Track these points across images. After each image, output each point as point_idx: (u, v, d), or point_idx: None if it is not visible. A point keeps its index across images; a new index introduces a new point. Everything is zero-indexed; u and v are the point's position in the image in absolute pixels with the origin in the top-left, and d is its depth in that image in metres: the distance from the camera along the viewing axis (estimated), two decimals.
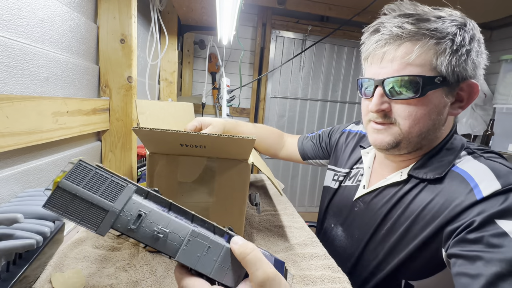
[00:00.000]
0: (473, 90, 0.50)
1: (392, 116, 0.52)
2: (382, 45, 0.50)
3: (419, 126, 0.51)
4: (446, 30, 0.46)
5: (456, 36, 0.46)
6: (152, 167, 0.52)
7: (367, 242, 0.61)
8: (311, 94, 2.52)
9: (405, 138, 0.52)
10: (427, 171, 0.54)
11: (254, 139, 0.47)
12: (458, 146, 0.54)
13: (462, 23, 0.47)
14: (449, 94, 0.50)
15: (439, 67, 0.47)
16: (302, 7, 2.12)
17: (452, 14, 0.49)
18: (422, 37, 0.47)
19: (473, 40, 0.47)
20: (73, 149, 0.70)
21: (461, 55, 0.46)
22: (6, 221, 0.37)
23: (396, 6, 0.51)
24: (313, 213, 2.70)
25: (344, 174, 0.75)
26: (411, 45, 0.47)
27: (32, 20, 0.53)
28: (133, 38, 0.80)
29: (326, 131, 0.93)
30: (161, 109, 0.79)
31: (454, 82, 0.48)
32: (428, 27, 0.46)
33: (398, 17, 0.49)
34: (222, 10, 1.01)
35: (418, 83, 0.47)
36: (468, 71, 0.48)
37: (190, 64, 2.21)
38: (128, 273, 0.49)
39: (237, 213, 0.57)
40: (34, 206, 0.46)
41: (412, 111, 0.50)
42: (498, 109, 2.05)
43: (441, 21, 0.47)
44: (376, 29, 0.52)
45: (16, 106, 0.47)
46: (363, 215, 0.64)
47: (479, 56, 0.49)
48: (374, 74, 0.53)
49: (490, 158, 0.51)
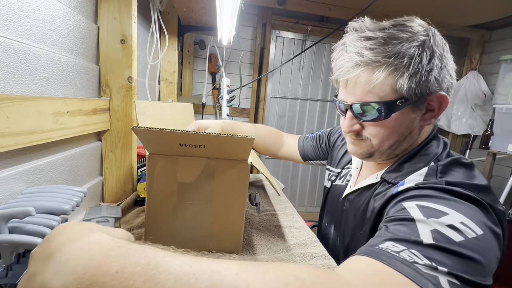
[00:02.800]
0: (442, 101, 0.51)
1: (364, 134, 0.55)
2: (344, 73, 0.51)
3: (388, 141, 0.54)
4: (405, 54, 0.46)
5: (414, 58, 0.46)
6: (152, 168, 0.53)
7: (350, 241, 0.63)
8: (311, 94, 2.52)
9: (377, 151, 0.56)
10: (397, 176, 0.55)
11: (253, 138, 0.48)
12: (432, 153, 0.54)
13: (423, 40, 0.47)
14: (416, 109, 0.51)
15: (399, 90, 0.48)
16: (302, 7, 2.12)
17: (414, 31, 0.48)
18: (380, 65, 0.48)
19: (433, 58, 0.48)
20: (73, 149, 0.70)
21: (421, 76, 0.47)
22: (19, 214, 0.39)
23: (358, 25, 0.52)
24: (313, 213, 2.70)
25: (336, 173, 0.78)
26: (370, 73, 0.48)
27: (33, 21, 0.53)
28: (133, 38, 0.80)
29: (325, 132, 0.93)
30: (160, 110, 0.79)
31: (418, 100, 0.49)
32: (386, 53, 0.47)
33: (359, 40, 0.50)
34: (222, 10, 1.01)
35: (381, 108, 0.49)
36: (431, 88, 0.49)
37: (190, 64, 2.21)
38: None
39: (237, 213, 0.57)
40: (41, 201, 0.48)
41: (380, 131, 0.53)
42: (497, 109, 2.05)
43: (400, 44, 0.47)
44: (340, 52, 0.54)
45: (17, 106, 0.47)
46: (348, 214, 0.66)
47: (442, 71, 0.49)
48: (344, 97, 0.55)
49: (441, 167, 0.50)
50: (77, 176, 0.72)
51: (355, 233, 0.62)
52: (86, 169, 0.77)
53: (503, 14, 1.98)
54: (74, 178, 0.71)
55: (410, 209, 0.42)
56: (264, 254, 0.60)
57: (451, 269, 0.33)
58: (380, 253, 0.35)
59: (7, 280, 0.39)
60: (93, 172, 0.81)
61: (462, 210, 0.40)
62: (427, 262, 0.33)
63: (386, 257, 0.34)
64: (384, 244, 0.37)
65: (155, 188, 0.53)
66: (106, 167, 0.85)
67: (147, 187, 0.53)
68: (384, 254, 0.35)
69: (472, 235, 0.37)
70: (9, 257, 0.39)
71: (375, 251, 0.36)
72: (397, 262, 0.33)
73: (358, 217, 0.61)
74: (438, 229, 0.37)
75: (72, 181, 0.70)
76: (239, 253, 0.59)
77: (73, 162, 0.69)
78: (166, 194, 0.54)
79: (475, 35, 2.43)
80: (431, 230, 0.37)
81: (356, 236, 0.61)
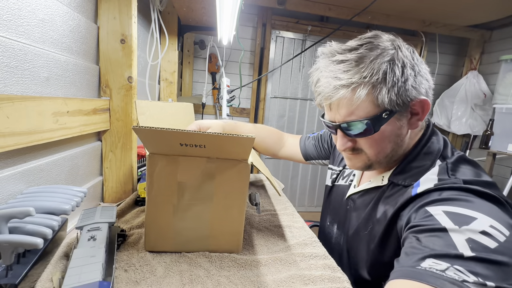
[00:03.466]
0: (424, 105, 0.52)
1: (359, 147, 0.57)
2: (326, 98, 0.53)
3: (383, 151, 0.55)
4: (378, 70, 0.48)
5: (387, 74, 0.48)
6: (152, 168, 0.52)
7: (355, 241, 0.63)
8: (311, 94, 2.51)
9: (375, 162, 0.57)
10: (406, 177, 0.55)
11: (254, 137, 0.48)
12: (435, 150, 0.56)
13: (392, 54, 0.49)
14: (402, 117, 0.52)
15: (382, 105, 0.49)
16: (302, 7, 2.12)
17: (381, 45, 0.50)
18: (358, 85, 0.48)
19: (405, 68, 0.49)
20: (73, 149, 0.70)
21: (399, 88, 0.48)
22: (19, 214, 0.39)
23: (328, 50, 0.54)
24: (313, 212, 2.70)
25: (337, 172, 0.78)
26: (351, 94, 0.49)
27: (33, 21, 0.53)
28: (133, 38, 0.80)
29: (327, 132, 0.93)
30: (161, 110, 0.79)
31: (402, 108, 0.50)
32: (361, 74, 0.48)
33: (332, 65, 0.51)
34: (222, 10, 1.01)
35: (368, 123, 0.50)
36: (411, 95, 0.50)
37: (190, 64, 2.21)
38: (128, 273, 0.49)
39: (237, 213, 0.57)
40: (41, 201, 0.48)
41: (373, 143, 0.54)
42: (497, 109, 2.05)
43: (372, 63, 0.48)
44: (317, 79, 0.54)
45: (17, 106, 0.47)
46: (352, 214, 0.66)
47: (417, 77, 0.50)
48: (331, 118, 0.56)
49: (451, 164, 0.52)
50: (77, 176, 0.72)
51: (358, 233, 0.62)
52: (86, 169, 0.77)
53: (503, 14, 1.98)
54: (74, 178, 0.71)
55: (438, 216, 0.42)
56: (264, 254, 0.60)
57: (495, 281, 0.33)
58: (425, 274, 0.34)
59: (7, 280, 0.38)
60: (93, 172, 0.81)
61: (487, 211, 0.40)
62: (475, 279, 0.33)
63: (434, 279, 0.33)
64: (425, 263, 0.36)
65: (155, 188, 0.53)
66: (106, 167, 0.85)
67: (147, 187, 0.53)
68: (430, 275, 0.34)
69: (503, 238, 0.37)
70: (9, 257, 0.39)
71: (419, 273, 0.35)
72: (447, 283, 0.32)
73: (362, 218, 0.61)
74: (472, 237, 0.37)
75: (72, 181, 0.70)
76: (239, 253, 0.59)
77: (73, 162, 0.69)
78: (166, 194, 0.54)
79: (475, 35, 2.43)
80: (466, 240, 0.37)
81: (359, 235, 0.62)
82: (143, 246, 0.58)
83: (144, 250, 0.56)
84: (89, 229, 0.50)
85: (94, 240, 0.47)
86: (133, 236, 0.61)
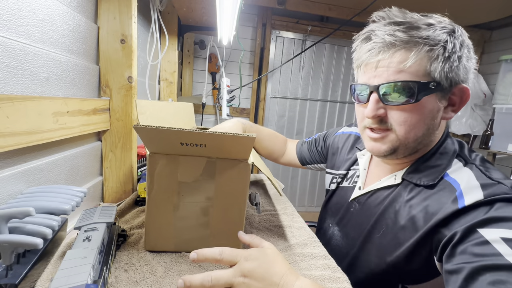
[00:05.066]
0: (464, 94, 0.51)
1: (388, 122, 0.53)
2: (376, 54, 0.50)
3: (414, 131, 0.51)
4: (437, 38, 0.47)
5: (448, 43, 0.47)
6: (152, 167, 0.52)
7: (361, 243, 0.62)
8: (311, 94, 2.52)
9: (402, 144, 0.53)
10: (421, 177, 0.54)
11: (254, 136, 0.48)
12: (451, 151, 0.55)
13: (452, 29, 0.48)
14: (442, 98, 0.51)
15: (433, 73, 0.48)
16: (302, 7, 2.12)
17: (441, 21, 0.49)
18: (415, 45, 0.47)
19: (463, 46, 0.49)
20: (73, 149, 0.70)
21: (453, 61, 0.47)
22: (19, 214, 0.39)
23: (386, 14, 0.52)
24: (313, 213, 2.70)
25: (342, 175, 0.76)
26: (405, 52, 0.48)
27: (33, 21, 0.53)
28: (133, 38, 0.80)
29: (321, 136, 0.95)
30: (161, 109, 0.79)
31: (447, 87, 0.49)
32: (420, 35, 0.47)
33: (388, 25, 0.50)
34: (222, 10, 1.01)
35: (413, 88, 0.48)
36: (460, 76, 0.49)
37: (190, 64, 2.21)
38: (128, 273, 0.49)
39: (237, 213, 0.57)
40: (41, 201, 0.48)
41: (408, 117, 0.50)
42: (497, 109, 2.05)
43: (432, 29, 0.47)
44: (367, 37, 0.52)
45: (17, 106, 0.47)
46: (358, 216, 0.65)
47: (469, 61, 0.50)
48: (369, 80, 0.53)
49: (480, 166, 0.51)
50: (77, 176, 0.72)
51: (369, 235, 0.60)
52: (86, 169, 0.76)
53: (503, 14, 1.98)
54: (74, 178, 0.71)
55: (496, 245, 0.38)
56: None
57: None
58: None
59: (7, 280, 0.38)
60: (93, 172, 0.81)
61: None
62: None
63: None
64: None
65: (155, 188, 0.53)
66: (106, 167, 0.85)
67: (148, 186, 0.53)
68: None
69: None
70: (9, 257, 0.39)
71: None
72: None
73: (374, 219, 0.59)
74: None
75: (72, 181, 0.70)
76: None
77: (73, 162, 0.69)
78: (167, 193, 0.54)
79: (475, 35, 2.43)
80: None
81: (371, 238, 0.59)
82: (143, 246, 0.58)
83: (144, 250, 0.56)
84: (86, 230, 0.50)
85: (89, 241, 0.46)
86: (133, 236, 0.61)
